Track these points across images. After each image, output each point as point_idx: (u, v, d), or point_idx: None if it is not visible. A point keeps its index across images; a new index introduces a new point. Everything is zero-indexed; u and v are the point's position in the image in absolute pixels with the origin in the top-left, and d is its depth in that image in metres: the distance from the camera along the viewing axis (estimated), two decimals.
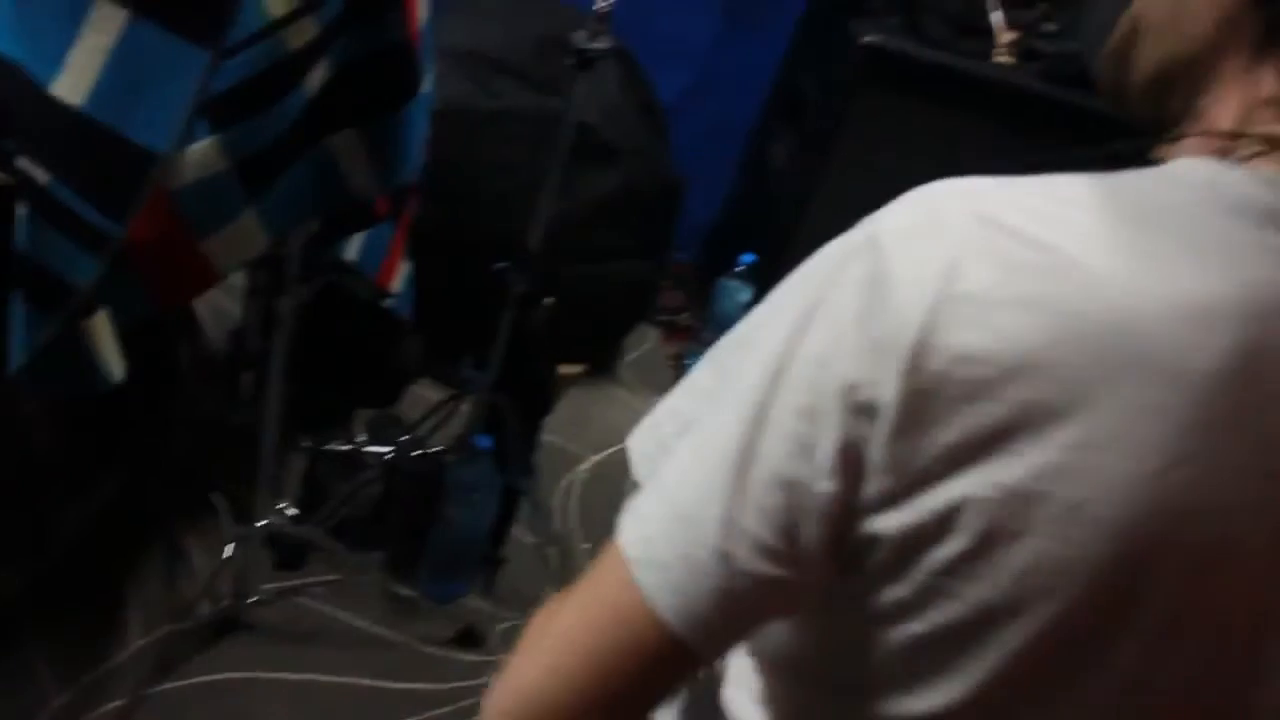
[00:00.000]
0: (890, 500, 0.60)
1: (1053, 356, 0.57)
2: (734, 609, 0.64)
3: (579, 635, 0.66)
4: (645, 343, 2.99)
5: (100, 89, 1.08)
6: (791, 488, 0.62)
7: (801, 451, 0.61)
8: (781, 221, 2.84)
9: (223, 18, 1.18)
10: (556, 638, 0.67)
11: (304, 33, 1.23)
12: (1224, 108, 0.66)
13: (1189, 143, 0.68)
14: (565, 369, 2.15)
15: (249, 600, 1.83)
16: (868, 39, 2.56)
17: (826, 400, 0.61)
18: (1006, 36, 2.70)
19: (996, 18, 2.69)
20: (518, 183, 2.42)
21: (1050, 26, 2.66)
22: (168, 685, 1.69)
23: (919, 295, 0.59)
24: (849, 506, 0.61)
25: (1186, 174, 0.63)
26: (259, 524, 1.75)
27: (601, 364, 2.79)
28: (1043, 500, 0.58)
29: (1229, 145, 0.64)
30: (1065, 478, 0.57)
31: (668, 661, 0.65)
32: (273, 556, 1.96)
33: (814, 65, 2.83)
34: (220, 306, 2.26)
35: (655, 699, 0.68)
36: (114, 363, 1.21)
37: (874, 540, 0.61)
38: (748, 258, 2.84)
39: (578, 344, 2.60)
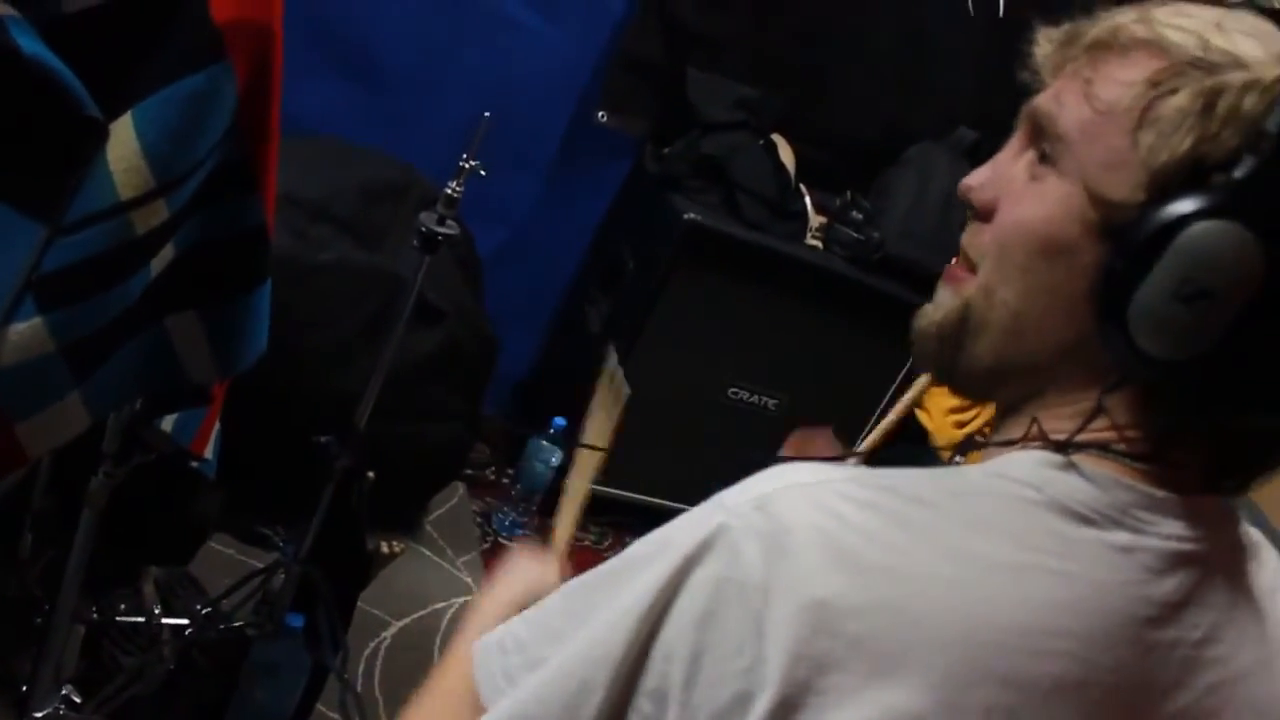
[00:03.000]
0: None
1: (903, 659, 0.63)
2: None
3: None
4: (451, 499, 2.93)
5: None
6: None
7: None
8: (592, 387, 2.85)
9: (63, 191, 1.11)
10: None
11: (154, 215, 1.16)
12: (1053, 415, 0.72)
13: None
14: (386, 548, 2.08)
15: None
16: (689, 215, 2.64)
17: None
18: (816, 221, 2.84)
19: (807, 203, 2.82)
20: (334, 337, 2.37)
21: (856, 214, 2.81)
22: None
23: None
24: None
25: (1018, 473, 0.70)
26: (39, 714, 1.60)
27: (408, 523, 2.71)
28: None
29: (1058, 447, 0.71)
30: None
31: None
32: None
33: (633, 234, 2.89)
34: None
35: None
36: None
37: None
38: (559, 422, 2.84)
39: (386, 505, 2.52)
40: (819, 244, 2.86)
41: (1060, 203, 0.70)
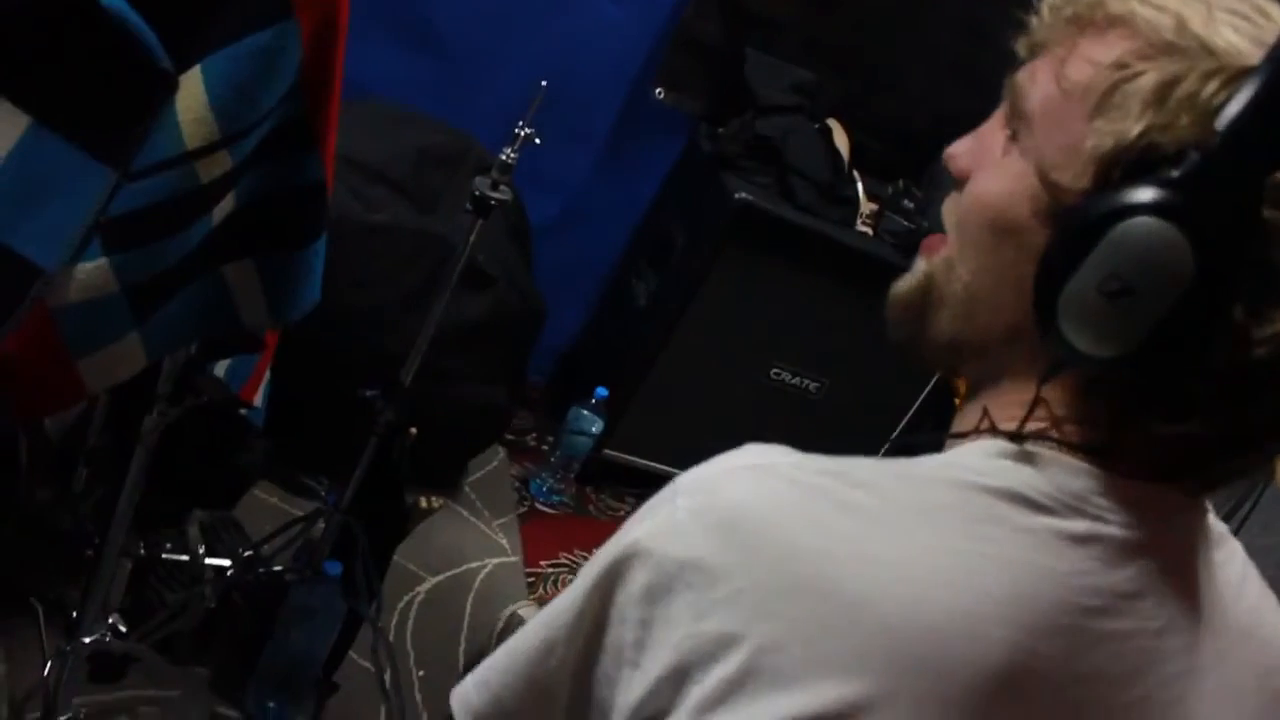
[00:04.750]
0: None
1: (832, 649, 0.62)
2: None
3: None
4: (491, 462, 2.98)
5: None
6: None
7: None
8: (636, 360, 2.89)
9: (133, 138, 1.16)
10: None
11: (218, 165, 1.21)
12: (1004, 403, 0.72)
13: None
14: (425, 503, 2.13)
15: (61, 719, 1.72)
16: (740, 195, 2.66)
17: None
18: (868, 208, 2.85)
19: (859, 189, 2.83)
20: (385, 297, 2.42)
21: (907, 203, 2.82)
22: None
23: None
24: None
25: (969, 462, 0.70)
26: (87, 639, 1.66)
27: (447, 483, 2.77)
28: None
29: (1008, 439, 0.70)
30: None
31: None
32: (89, 668, 1.86)
33: (683, 212, 2.92)
34: None
35: None
36: None
37: None
38: (601, 392, 2.88)
39: (426, 464, 2.57)
40: (869, 231, 2.87)
41: (1016, 181, 0.69)
